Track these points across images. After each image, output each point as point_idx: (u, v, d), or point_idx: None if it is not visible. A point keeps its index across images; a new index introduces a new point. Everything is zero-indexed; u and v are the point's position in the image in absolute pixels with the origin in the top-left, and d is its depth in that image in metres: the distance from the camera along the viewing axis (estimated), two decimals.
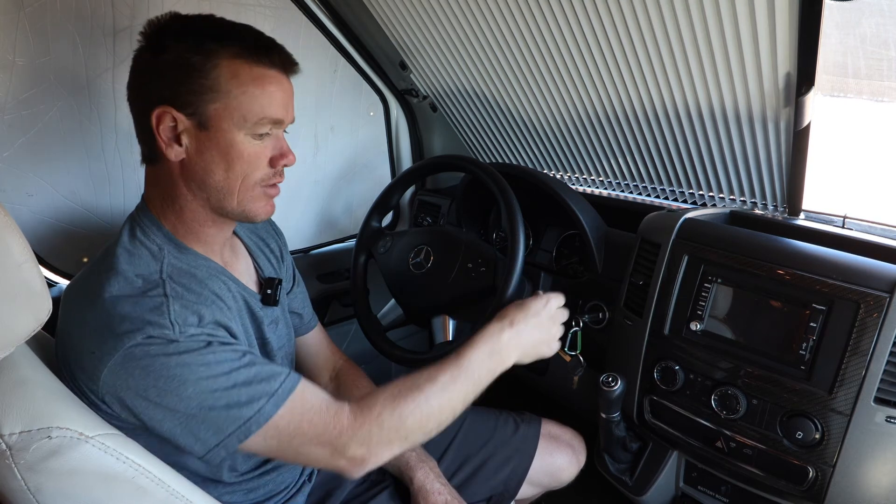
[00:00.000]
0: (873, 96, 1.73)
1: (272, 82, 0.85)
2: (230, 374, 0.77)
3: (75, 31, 1.21)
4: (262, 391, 0.78)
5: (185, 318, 0.77)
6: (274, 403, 0.78)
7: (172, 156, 0.84)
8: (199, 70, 0.81)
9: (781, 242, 1.09)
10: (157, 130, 0.82)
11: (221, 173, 0.85)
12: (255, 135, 0.85)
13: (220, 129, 0.83)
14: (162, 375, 0.74)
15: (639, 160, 1.56)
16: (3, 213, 0.65)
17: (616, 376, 1.14)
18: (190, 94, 0.81)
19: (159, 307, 0.77)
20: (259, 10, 1.46)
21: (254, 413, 0.77)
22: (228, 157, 0.84)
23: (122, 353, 0.73)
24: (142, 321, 0.75)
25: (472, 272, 1.31)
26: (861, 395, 0.93)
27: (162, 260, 0.84)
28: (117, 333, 0.74)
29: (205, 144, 0.83)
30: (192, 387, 0.75)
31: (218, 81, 0.81)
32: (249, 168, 0.86)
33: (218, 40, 0.82)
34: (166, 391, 0.74)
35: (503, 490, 1.21)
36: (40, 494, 0.64)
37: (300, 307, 1.19)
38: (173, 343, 0.75)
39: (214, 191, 0.86)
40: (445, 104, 1.82)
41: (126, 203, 1.39)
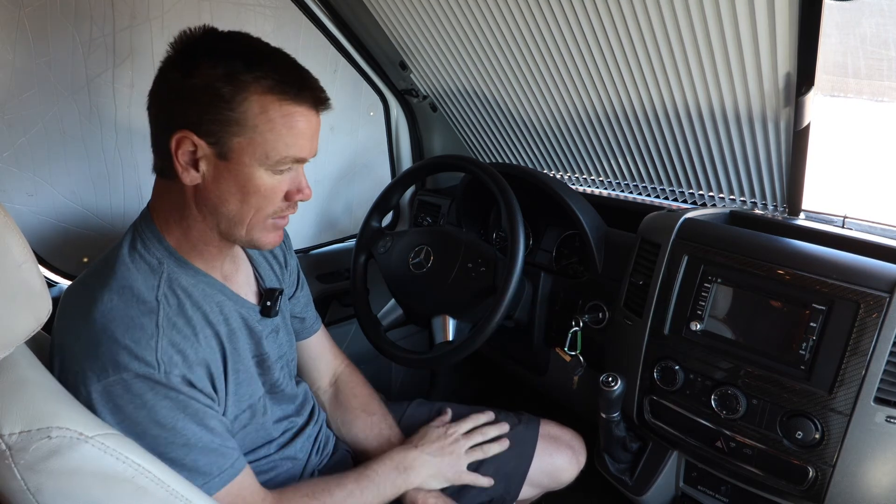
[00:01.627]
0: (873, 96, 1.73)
1: (301, 120, 0.82)
2: (194, 440, 0.81)
3: (75, 30, 1.21)
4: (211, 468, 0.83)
5: (171, 357, 0.79)
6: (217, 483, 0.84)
7: (188, 180, 0.82)
8: (227, 101, 0.78)
9: (781, 242, 1.09)
10: (175, 153, 0.80)
11: (236, 204, 0.83)
12: (275, 171, 0.83)
13: (240, 162, 0.81)
14: (134, 418, 0.76)
15: (639, 160, 1.56)
16: (3, 213, 0.65)
17: (616, 376, 1.14)
18: (214, 123, 0.78)
19: (149, 340, 0.77)
20: (259, 10, 1.46)
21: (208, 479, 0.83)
22: (245, 190, 0.83)
23: (104, 384, 0.75)
24: (129, 354, 0.76)
25: (472, 272, 1.31)
26: (861, 395, 0.93)
27: (161, 274, 0.84)
28: (104, 362, 0.75)
29: (222, 174, 0.81)
30: (155, 440, 0.78)
31: (245, 115, 0.79)
32: (264, 202, 0.85)
33: (250, 70, 0.78)
34: (133, 433, 0.76)
35: (503, 491, 1.20)
36: (40, 494, 0.64)
37: (302, 311, 1.18)
38: (158, 385, 0.77)
39: (225, 219, 0.85)
40: (445, 104, 1.82)
41: (126, 203, 1.39)
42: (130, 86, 1.33)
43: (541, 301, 1.48)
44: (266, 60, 0.80)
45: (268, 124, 0.79)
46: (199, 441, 0.81)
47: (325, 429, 1.18)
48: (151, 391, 0.77)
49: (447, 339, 1.32)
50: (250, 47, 0.82)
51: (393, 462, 1.06)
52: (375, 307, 1.44)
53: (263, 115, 0.79)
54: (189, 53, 0.80)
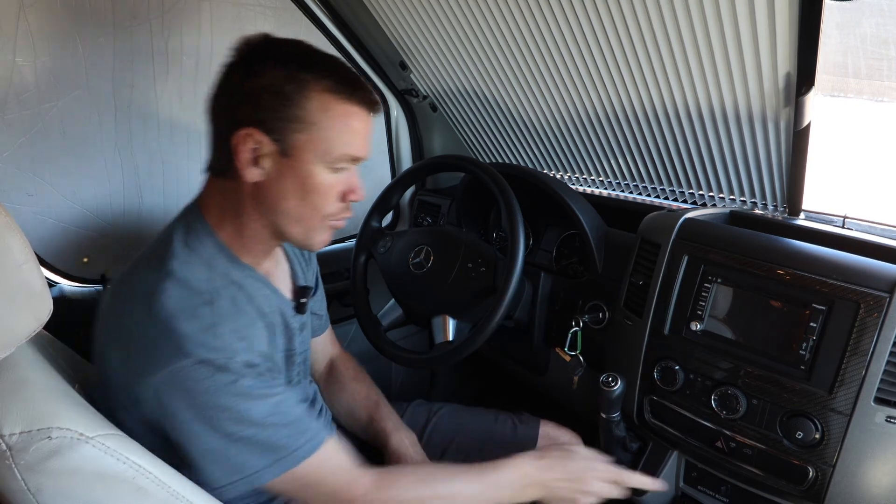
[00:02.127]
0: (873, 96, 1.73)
1: (358, 120, 0.86)
2: (264, 418, 0.79)
3: (76, 30, 1.21)
4: (289, 442, 0.80)
5: (233, 344, 0.79)
6: (296, 458, 0.81)
7: (250, 177, 0.84)
8: (290, 99, 0.81)
9: (781, 242, 1.09)
10: (237, 150, 0.82)
11: (295, 202, 0.86)
12: (332, 169, 0.86)
13: (302, 159, 0.84)
14: (202, 403, 0.76)
15: (639, 160, 1.56)
16: (3, 213, 0.65)
17: (616, 376, 1.14)
18: (278, 120, 0.82)
19: (212, 328, 0.78)
20: (259, 10, 1.46)
21: (273, 462, 0.79)
22: (305, 187, 0.85)
23: (171, 371, 0.75)
24: (194, 342, 0.76)
25: (472, 272, 1.31)
26: (861, 395, 0.93)
27: (214, 269, 0.85)
28: (170, 350, 0.75)
29: (284, 171, 0.84)
30: (225, 422, 0.76)
31: (308, 112, 0.82)
32: (322, 200, 0.87)
33: (311, 70, 0.82)
34: (201, 418, 0.76)
35: None
36: (40, 495, 0.64)
37: (320, 309, 1.21)
38: (221, 372, 0.76)
39: (283, 216, 0.87)
40: (445, 104, 1.82)
41: (126, 202, 1.39)
42: (130, 86, 1.33)
43: (541, 301, 1.48)
44: (324, 62, 0.85)
45: (328, 121, 0.83)
46: (269, 419, 0.80)
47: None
48: (218, 375, 0.76)
49: (447, 339, 1.32)
50: (309, 50, 0.87)
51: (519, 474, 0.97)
52: (375, 307, 1.44)
53: (324, 113, 0.83)
54: (252, 56, 0.83)
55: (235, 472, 0.79)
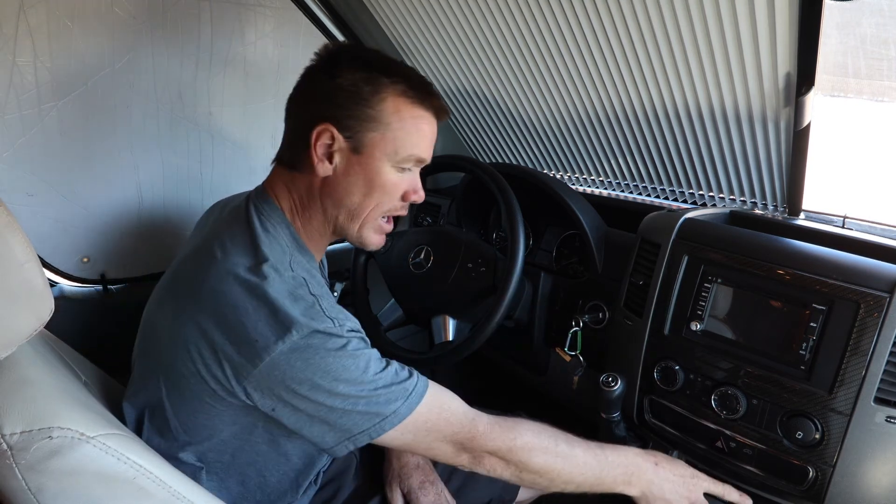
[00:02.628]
0: (873, 96, 1.73)
1: (427, 124, 0.93)
2: (375, 377, 0.82)
3: (75, 31, 1.21)
4: (398, 393, 0.83)
5: (337, 315, 0.82)
6: (409, 405, 0.83)
7: (321, 170, 0.89)
8: (366, 99, 0.87)
9: (781, 242, 1.09)
10: (314, 144, 0.88)
11: (359, 196, 0.91)
12: (399, 168, 0.92)
13: (372, 156, 0.89)
14: (320, 370, 0.78)
15: (639, 160, 1.56)
16: (5, 213, 0.65)
17: (616, 376, 1.14)
18: (353, 118, 0.87)
19: (313, 305, 0.81)
20: (259, 10, 1.47)
21: (390, 413, 0.82)
22: (371, 183, 0.90)
23: (289, 346, 0.77)
24: (305, 317, 0.79)
25: (472, 272, 1.31)
26: (861, 395, 0.93)
27: (290, 256, 0.88)
28: (285, 326, 0.77)
29: (353, 167, 0.89)
30: (343, 384, 0.79)
31: (381, 113, 0.88)
32: (385, 197, 0.93)
33: (387, 74, 0.88)
34: (319, 387, 0.78)
35: (501, 493, 1.20)
36: (41, 494, 0.64)
37: None
38: (334, 338, 0.80)
39: (346, 211, 0.92)
40: (446, 104, 1.82)
41: (126, 202, 1.39)
42: (130, 86, 1.33)
43: (541, 301, 1.48)
44: (401, 68, 0.91)
45: (399, 122, 0.89)
46: (380, 375, 0.82)
47: None
48: (331, 341, 0.79)
49: (447, 339, 1.32)
50: (387, 58, 0.93)
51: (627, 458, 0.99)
52: (375, 307, 1.45)
53: (396, 115, 0.89)
54: (335, 59, 0.90)
55: (356, 426, 0.81)
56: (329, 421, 0.80)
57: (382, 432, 0.82)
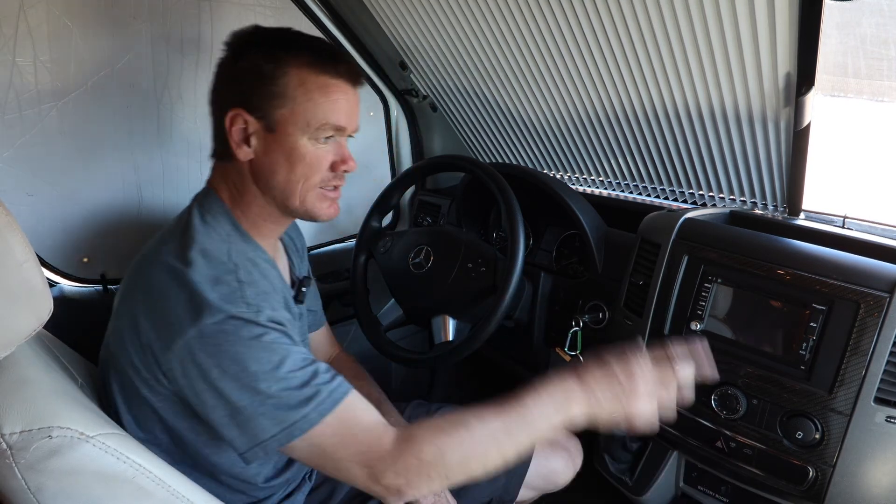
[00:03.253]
0: (873, 96, 1.73)
1: (336, 91, 0.90)
2: (288, 374, 0.79)
3: (75, 31, 1.21)
4: (311, 395, 0.78)
5: (259, 303, 0.81)
6: (320, 411, 0.78)
7: (242, 155, 0.89)
8: (269, 77, 0.86)
9: (781, 242, 1.09)
10: (229, 131, 0.88)
11: (284, 174, 0.90)
12: (317, 140, 0.90)
13: (285, 132, 0.88)
14: (229, 358, 0.76)
15: (639, 160, 1.56)
16: (4, 213, 0.65)
17: None
18: (260, 98, 0.87)
19: (236, 291, 0.81)
20: (259, 10, 1.47)
21: (299, 418, 0.77)
22: (291, 159, 0.89)
23: (200, 329, 0.76)
24: (223, 301, 0.78)
25: (472, 272, 1.31)
26: (861, 395, 0.93)
27: (230, 244, 0.88)
28: (199, 310, 0.77)
29: (271, 146, 0.89)
30: (251, 378, 0.76)
31: (286, 88, 0.87)
32: (310, 171, 0.91)
33: (288, 49, 0.88)
34: (227, 374, 0.76)
35: (502, 493, 1.20)
36: (41, 494, 0.64)
37: (314, 305, 1.22)
38: (250, 325, 0.78)
39: (278, 190, 0.91)
40: (445, 104, 1.82)
41: (126, 202, 1.39)
42: (130, 86, 1.32)
43: (541, 301, 1.48)
44: (305, 40, 0.91)
45: (305, 94, 0.87)
46: (294, 374, 0.79)
47: None
48: (245, 328, 0.78)
49: (447, 339, 1.32)
50: (291, 33, 0.92)
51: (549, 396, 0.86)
52: (375, 307, 1.45)
53: (302, 87, 0.87)
54: (238, 44, 0.90)
55: (264, 431, 0.77)
56: (238, 422, 0.77)
57: (291, 439, 0.77)
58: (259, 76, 0.86)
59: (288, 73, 0.87)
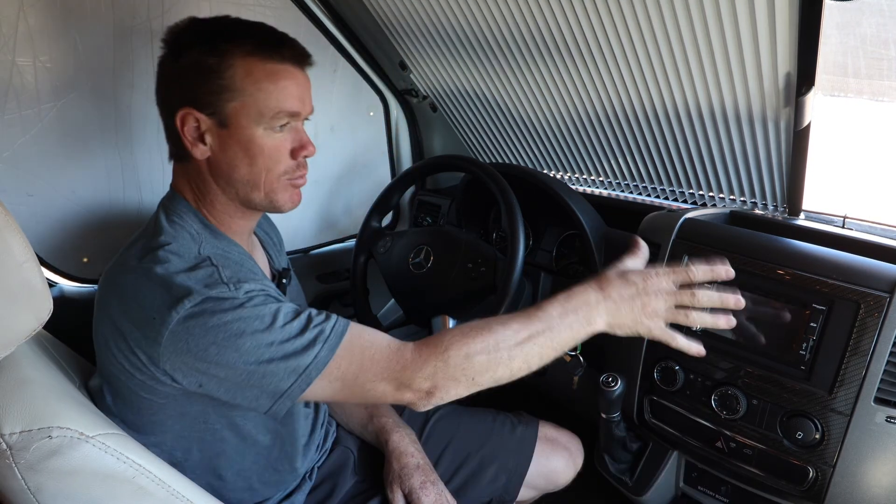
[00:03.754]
0: (873, 96, 1.73)
1: (285, 76, 0.88)
2: (284, 326, 0.79)
3: (75, 31, 1.21)
4: (315, 338, 0.80)
5: (237, 282, 0.81)
6: (329, 347, 0.80)
7: (198, 154, 0.88)
8: (215, 71, 0.84)
9: (781, 242, 1.09)
10: (182, 131, 0.86)
11: (245, 168, 0.89)
12: (273, 129, 0.88)
13: (239, 125, 0.86)
14: (220, 331, 0.76)
15: (639, 160, 1.56)
16: (3, 213, 0.65)
17: (616, 376, 1.14)
18: (209, 94, 0.85)
19: (212, 274, 0.80)
20: (259, 11, 1.47)
21: (312, 360, 0.79)
22: (250, 152, 0.88)
23: (183, 315, 0.76)
24: (199, 284, 0.78)
25: (472, 272, 1.31)
26: (861, 396, 0.93)
27: (200, 242, 0.87)
28: (177, 297, 0.77)
29: (227, 142, 0.87)
30: (248, 339, 0.77)
31: (233, 80, 0.85)
32: (271, 161, 0.90)
33: (230, 40, 0.85)
34: (225, 347, 0.76)
35: (502, 493, 1.20)
36: (40, 494, 0.64)
37: (297, 299, 1.21)
38: (229, 300, 0.78)
39: (241, 185, 0.90)
40: (445, 104, 1.82)
41: (126, 202, 1.39)
42: (130, 86, 1.32)
43: (541, 301, 1.47)
44: (244, 29, 0.88)
45: (254, 84, 0.85)
46: (291, 322, 0.80)
47: (326, 425, 1.19)
48: (228, 302, 0.78)
49: None
50: (230, 21, 0.89)
51: (571, 304, 0.88)
52: (375, 307, 1.45)
53: (249, 77, 0.85)
54: (177, 40, 0.87)
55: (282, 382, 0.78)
56: (254, 383, 0.78)
57: (310, 382, 0.79)
58: (204, 72, 0.84)
59: (233, 64, 0.84)
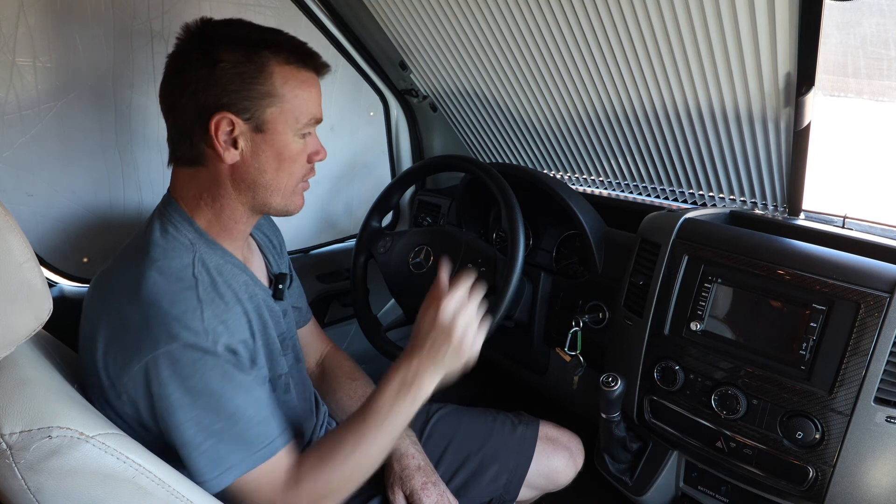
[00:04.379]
0: (873, 96, 1.73)
1: (314, 85, 0.92)
2: (238, 409, 0.81)
3: (75, 31, 1.21)
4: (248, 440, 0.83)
5: (216, 327, 0.81)
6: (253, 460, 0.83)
7: (229, 158, 0.88)
8: (255, 77, 0.86)
9: (781, 242, 1.09)
10: (215, 135, 0.86)
11: (272, 173, 0.91)
12: (301, 135, 0.92)
13: (275, 131, 0.89)
14: (186, 386, 0.78)
15: (639, 160, 1.56)
16: (3, 213, 0.65)
17: (616, 376, 1.14)
18: (247, 99, 0.86)
19: (195, 311, 0.80)
20: (259, 10, 1.47)
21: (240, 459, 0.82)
22: (282, 157, 0.90)
23: (155, 356, 0.77)
24: (180, 326, 0.78)
25: (472, 272, 1.31)
26: (861, 395, 0.93)
27: (194, 253, 0.87)
28: (155, 334, 0.78)
29: (260, 146, 0.89)
30: (204, 409, 0.79)
31: (273, 87, 0.87)
32: (295, 166, 0.93)
33: (267, 47, 0.87)
34: (183, 403, 0.78)
35: (503, 493, 1.20)
36: (40, 494, 0.64)
37: (298, 301, 1.21)
38: (206, 354, 0.79)
39: (263, 189, 0.91)
40: (445, 104, 1.82)
41: (126, 202, 1.39)
42: (130, 86, 1.32)
43: (541, 301, 1.48)
44: (275, 37, 0.90)
45: (292, 91, 0.88)
46: (246, 411, 0.82)
47: (326, 425, 1.19)
48: (201, 360, 0.79)
49: None
50: (255, 27, 0.91)
51: (396, 385, 0.91)
52: (375, 307, 1.45)
53: (287, 84, 0.88)
54: (207, 42, 0.87)
55: (215, 465, 0.80)
56: (186, 455, 0.79)
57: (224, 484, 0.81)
58: (244, 77, 0.85)
59: (273, 72, 0.87)
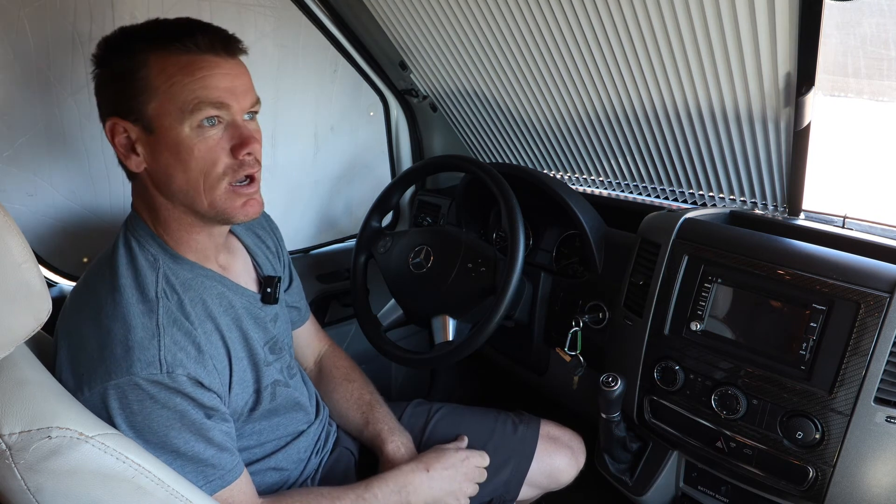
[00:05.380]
0: (873, 96, 1.73)
1: (203, 66, 0.81)
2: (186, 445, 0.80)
3: (75, 31, 1.21)
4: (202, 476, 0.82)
5: (175, 356, 0.79)
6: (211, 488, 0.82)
7: (133, 166, 0.84)
8: (130, 73, 0.80)
9: (781, 242, 1.09)
10: (113, 143, 0.83)
11: (181, 175, 0.82)
12: (200, 125, 0.81)
13: (163, 127, 0.81)
14: (136, 421, 0.77)
15: (639, 160, 1.56)
16: (3, 213, 0.65)
17: (616, 376, 1.14)
18: (128, 100, 0.80)
19: (151, 340, 0.78)
20: (259, 10, 1.46)
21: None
22: (180, 155, 0.81)
23: (108, 387, 0.76)
24: (132, 356, 0.77)
25: (472, 272, 1.31)
26: (861, 395, 0.93)
27: (158, 270, 0.85)
28: (108, 365, 0.76)
29: (156, 148, 0.82)
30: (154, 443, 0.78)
31: (148, 80, 0.80)
32: (205, 163, 0.82)
33: (141, 39, 0.81)
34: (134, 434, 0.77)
35: (504, 492, 1.20)
36: (40, 494, 0.64)
37: (297, 301, 1.21)
38: (156, 393, 0.77)
39: (182, 194, 0.84)
40: (445, 104, 1.82)
41: (126, 203, 1.38)
42: None
43: (541, 301, 1.48)
44: (159, 28, 0.83)
45: (168, 80, 0.80)
46: (190, 451, 0.81)
47: (327, 426, 1.19)
48: (154, 396, 0.78)
49: (447, 339, 1.32)
50: (148, 23, 0.84)
51: (396, 485, 1.01)
52: (375, 307, 1.45)
53: (163, 74, 0.80)
54: (101, 52, 0.83)
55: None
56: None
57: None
58: (121, 76, 0.80)
59: (146, 63, 0.79)
